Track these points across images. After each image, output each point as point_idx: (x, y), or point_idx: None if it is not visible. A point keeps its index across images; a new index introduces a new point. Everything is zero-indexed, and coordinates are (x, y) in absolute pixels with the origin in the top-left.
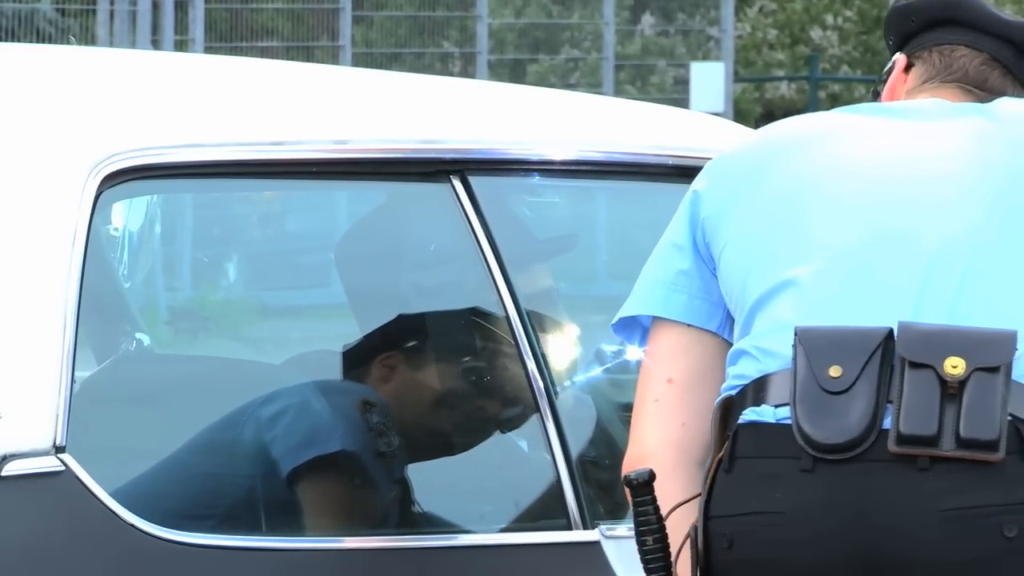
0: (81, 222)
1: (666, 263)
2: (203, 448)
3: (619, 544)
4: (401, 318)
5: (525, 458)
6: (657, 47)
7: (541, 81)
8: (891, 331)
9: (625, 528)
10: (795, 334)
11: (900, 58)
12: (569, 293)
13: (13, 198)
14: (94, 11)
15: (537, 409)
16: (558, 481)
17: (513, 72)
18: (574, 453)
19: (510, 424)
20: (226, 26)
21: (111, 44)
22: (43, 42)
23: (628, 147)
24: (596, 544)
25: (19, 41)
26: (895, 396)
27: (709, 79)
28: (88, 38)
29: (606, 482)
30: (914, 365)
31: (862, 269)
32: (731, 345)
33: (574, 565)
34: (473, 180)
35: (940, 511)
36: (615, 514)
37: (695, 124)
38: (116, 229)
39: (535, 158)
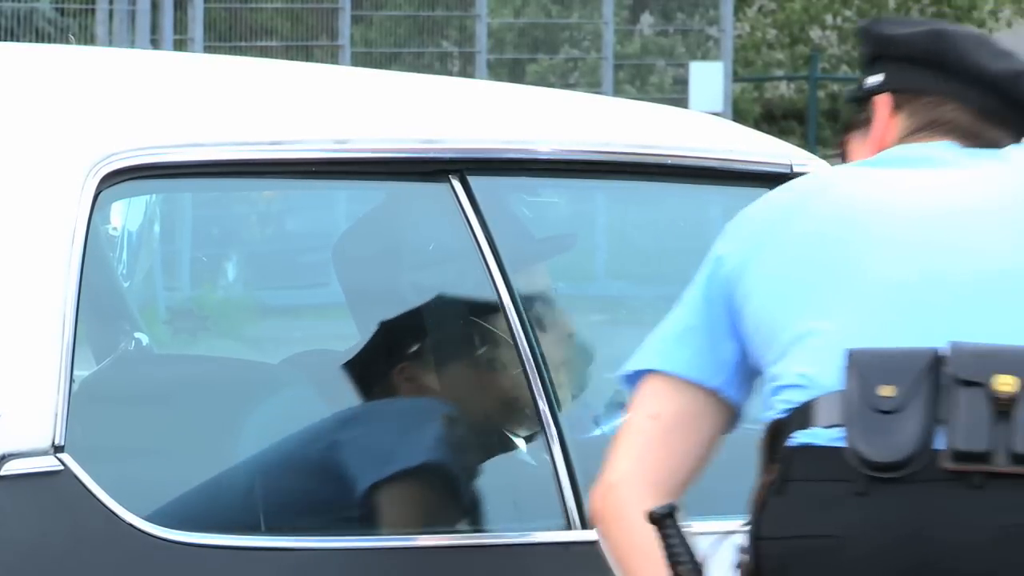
0: (80, 221)
1: (675, 319)
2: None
3: None
4: (406, 324)
5: (523, 457)
6: (656, 47)
7: (540, 81)
8: (939, 351)
9: None
10: (846, 356)
11: (885, 99)
12: (568, 292)
13: (12, 197)
14: (93, 10)
15: (535, 408)
16: (557, 480)
17: (512, 72)
18: (573, 452)
19: (509, 424)
20: (225, 26)
21: (110, 43)
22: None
23: (627, 147)
24: (595, 544)
25: (18, 40)
26: (946, 415)
27: (708, 79)
28: (87, 37)
29: None
30: (966, 383)
31: (903, 305)
32: (731, 406)
33: (573, 565)
34: (472, 180)
35: (995, 527)
36: None
37: (694, 124)
38: (115, 229)
39: (534, 158)
